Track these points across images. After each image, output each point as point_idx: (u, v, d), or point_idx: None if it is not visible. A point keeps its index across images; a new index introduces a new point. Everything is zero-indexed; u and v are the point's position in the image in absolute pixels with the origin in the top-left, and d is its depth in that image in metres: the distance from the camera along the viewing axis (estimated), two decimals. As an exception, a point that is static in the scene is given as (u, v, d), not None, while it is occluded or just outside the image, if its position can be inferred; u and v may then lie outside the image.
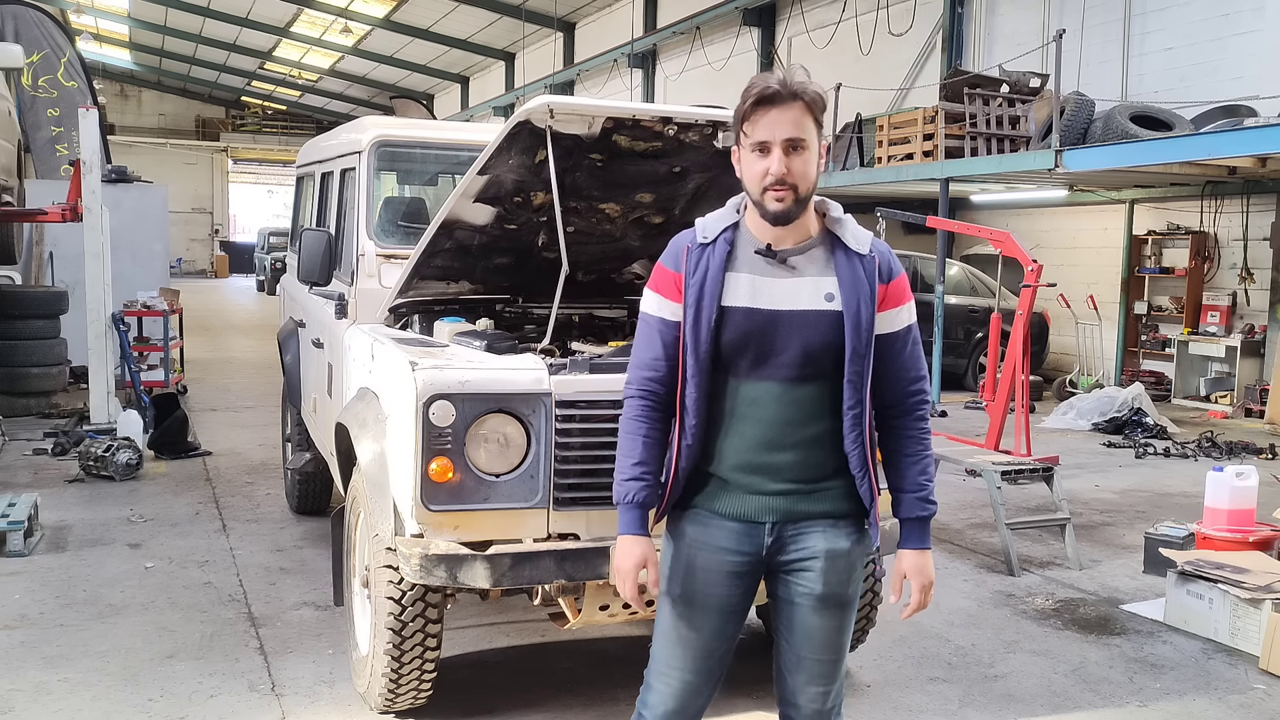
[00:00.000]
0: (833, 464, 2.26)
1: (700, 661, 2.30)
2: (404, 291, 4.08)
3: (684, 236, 2.29)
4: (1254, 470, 5.28)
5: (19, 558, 5.18)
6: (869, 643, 4.19)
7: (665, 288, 2.26)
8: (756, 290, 2.20)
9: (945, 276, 11.79)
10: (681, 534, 2.30)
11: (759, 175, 2.16)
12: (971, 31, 14.79)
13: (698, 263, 2.22)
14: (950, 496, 7.10)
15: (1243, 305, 11.94)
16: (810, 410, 2.22)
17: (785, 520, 2.26)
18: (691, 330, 2.20)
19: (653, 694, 2.34)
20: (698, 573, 2.26)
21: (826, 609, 2.28)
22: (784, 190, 2.16)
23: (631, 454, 2.26)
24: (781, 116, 2.15)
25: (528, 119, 3.38)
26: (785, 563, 2.28)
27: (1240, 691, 4.07)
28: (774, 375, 2.20)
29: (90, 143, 7.87)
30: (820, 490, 2.26)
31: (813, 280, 2.21)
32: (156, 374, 10.10)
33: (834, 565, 2.27)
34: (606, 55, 23.16)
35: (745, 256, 2.23)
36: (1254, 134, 8.93)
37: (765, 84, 2.15)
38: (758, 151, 2.16)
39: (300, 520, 6.04)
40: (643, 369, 2.28)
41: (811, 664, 2.31)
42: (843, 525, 2.29)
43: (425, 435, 3.07)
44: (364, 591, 3.68)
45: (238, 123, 42.85)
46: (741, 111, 2.18)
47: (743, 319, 2.18)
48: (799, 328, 2.18)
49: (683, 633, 2.29)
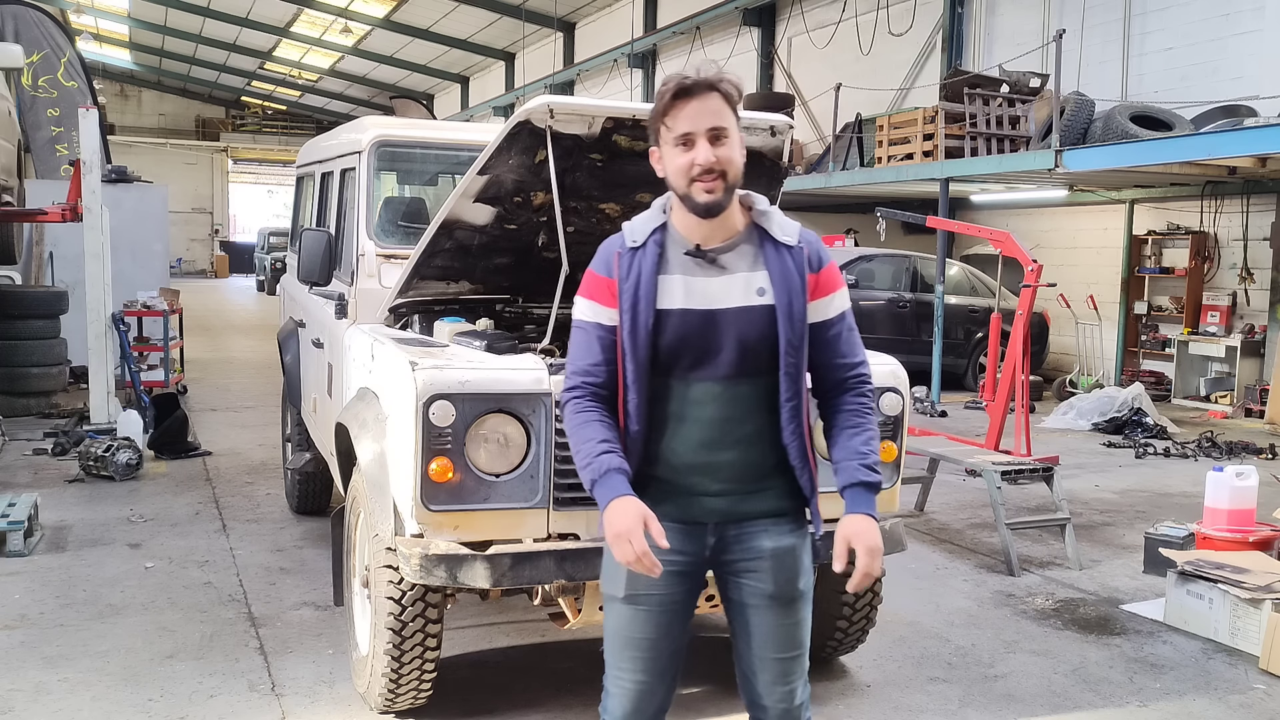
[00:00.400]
0: (772, 461, 2.26)
1: (651, 662, 2.29)
2: (404, 291, 4.07)
3: (613, 241, 2.28)
4: (1254, 470, 5.28)
5: (19, 558, 5.18)
6: (869, 643, 4.19)
7: (599, 294, 2.25)
8: (690, 291, 2.20)
9: (945, 276, 11.79)
10: None
11: (685, 168, 2.16)
12: (971, 31, 14.80)
13: (629, 268, 2.22)
14: (950, 496, 7.11)
15: (1243, 305, 11.94)
16: (749, 407, 2.22)
17: (727, 521, 2.26)
18: (629, 335, 2.20)
19: (610, 698, 2.35)
20: (642, 574, 2.22)
21: (780, 607, 2.28)
22: (713, 179, 2.15)
23: (592, 435, 2.20)
24: (701, 107, 2.15)
25: (528, 119, 3.38)
26: (731, 563, 2.28)
27: (1240, 691, 4.07)
28: (713, 374, 2.20)
29: (90, 143, 7.87)
30: (761, 490, 2.26)
31: (744, 276, 2.22)
32: (156, 374, 10.10)
33: (781, 563, 2.27)
34: (606, 55, 23.17)
35: (676, 258, 2.23)
36: (1254, 134, 8.94)
37: (681, 78, 2.16)
38: (681, 145, 2.16)
39: (300, 520, 6.04)
40: (582, 375, 2.26)
41: (773, 664, 2.30)
42: (785, 522, 2.29)
43: (425, 435, 3.07)
44: (364, 591, 3.68)
45: (238, 123, 42.86)
46: (660, 108, 2.18)
47: (679, 321, 2.19)
48: (734, 325, 2.19)
49: (631, 635, 2.29)
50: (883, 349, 4.18)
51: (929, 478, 6.73)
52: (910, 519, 6.49)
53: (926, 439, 6.82)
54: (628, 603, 2.27)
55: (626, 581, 2.26)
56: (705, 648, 3.89)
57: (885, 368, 3.62)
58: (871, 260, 12.80)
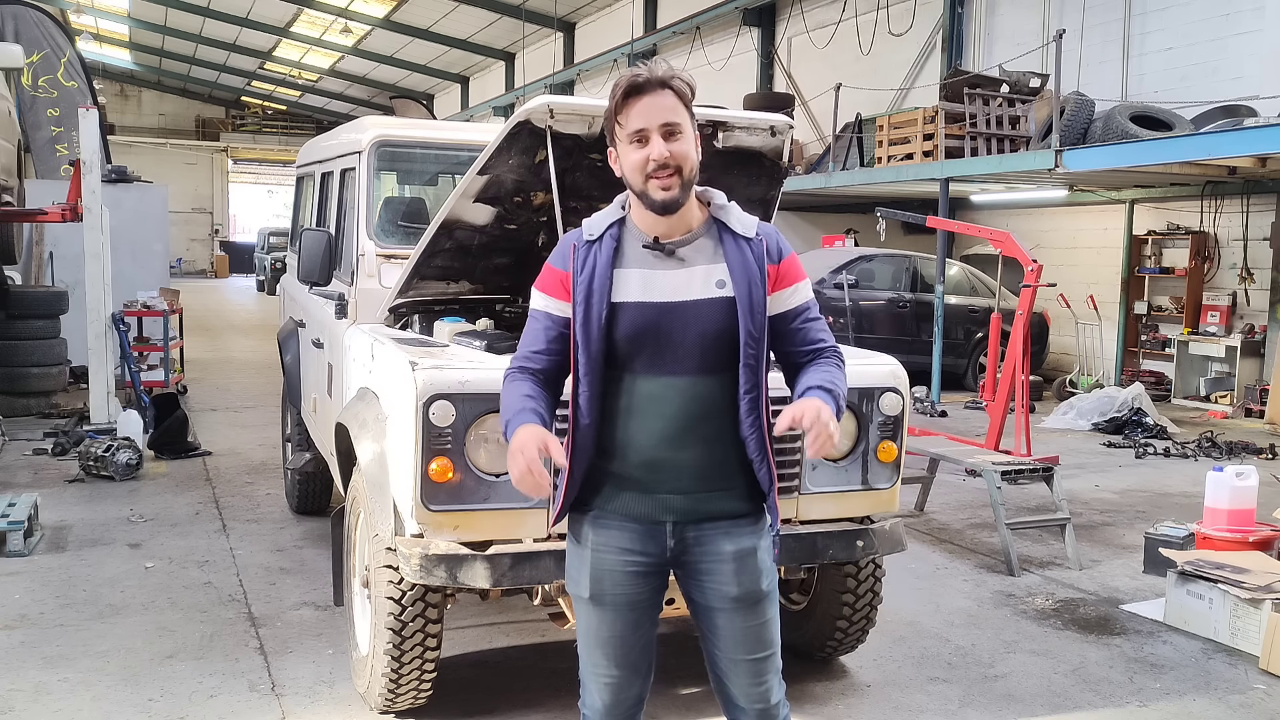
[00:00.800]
0: (734, 460, 2.24)
1: (624, 656, 2.30)
2: (404, 291, 4.08)
3: (571, 235, 2.29)
4: (1254, 470, 5.28)
5: (19, 558, 5.18)
6: (869, 643, 4.19)
7: (551, 287, 2.25)
8: (647, 284, 2.19)
9: (945, 276, 11.79)
10: (583, 537, 2.28)
11: (640, 164, 2.15)
12: (971, 31, 14.80)
13: (584, 260, 2.21)
14: (950, 496, 7.11)
15: (1243, 305, 11.94)
16: (711, 405, 2.21)
17: (686, 520, 2.24)
18: (582, 328, 2.19)
19: (588, 693, 2.37)
20: (605, 574, 2.24)
21: (746, 609, 2.27)
22: (668, 175, 2.15)
23: (516, 392, 2.22)
24: (654, 104, 2.15)
25: (528, 119, 3.38)
26: (692, 565, 2.27)
27: (1240, 691, 4.07)
28: (674, 369, 2.19)
29: (90, 143, 7.87)
30: (721, 490, 2.25)
31: (703, 269, 2.21)
32: (156, 374, 10.10)
33: (745, 565, 2.26)
34: (606, 55, 23.16)
35: (633, 252, 2.22)
36: (1254, 134, 8.94)
37: (633, 75, 2.16)
38: (636, 142, 2.16)
39: (300, 520, 6.04)
40: (525, 360, 2.28)
41: (745, 665, 2.29)
42: (744, 523, 2.28)
43: (425, 435, 3.07)
44: (364, 591, 3.68)
45: (238, 123, 42.85)
46: (613, 106, 2.18)
47: (635, 314, 2.18)
48: (693, 318, 2.18)
49: (600, 634, 2.29)
50: (883, 349, 4.18)
51: (929, 478, 6.73)
52: (910, 519, 6.49)
53: (926, 439, 6.82)
54: (593, 603, 2.27)
55: (590, 582, 2.26)
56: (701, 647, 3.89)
57: (885, 368, 3.62)
58: (871, 260, 12.79)
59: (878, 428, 3.57)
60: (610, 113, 2.20)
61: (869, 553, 3.55)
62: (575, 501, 2.28)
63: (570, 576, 2.32)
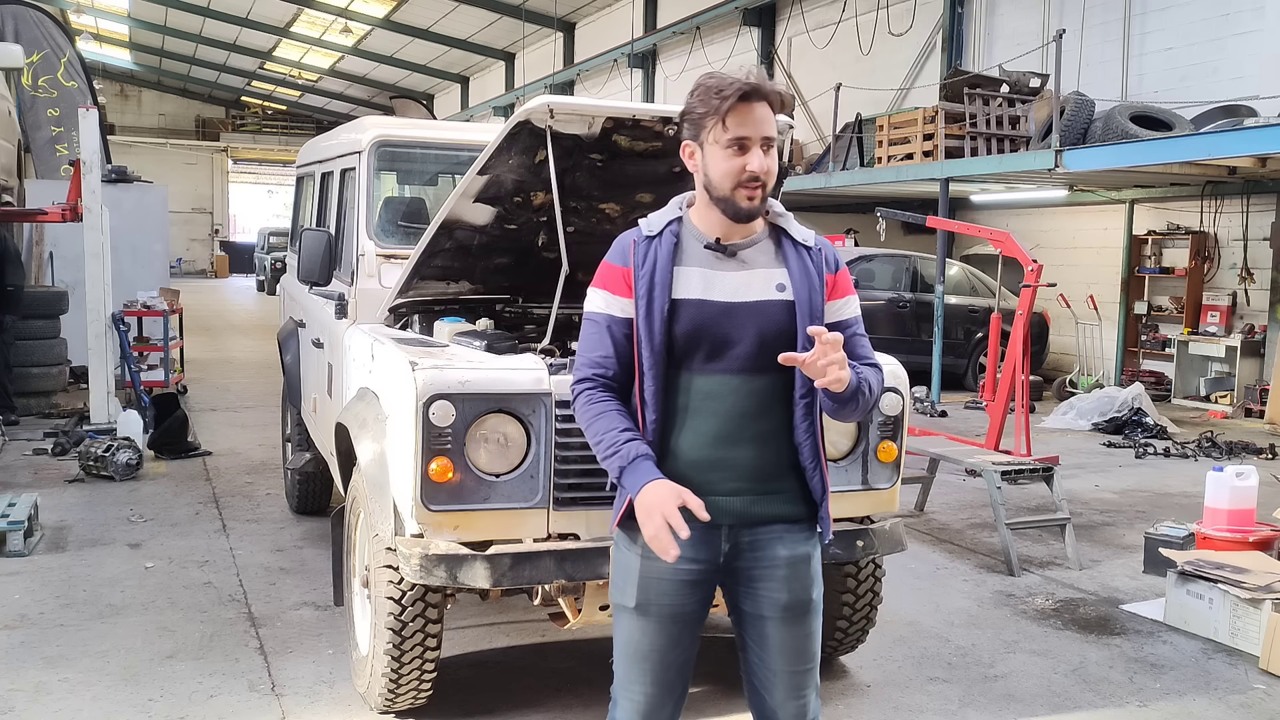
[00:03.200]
0: (786, 460, 2.25)
1: (660, 674, 2.26)
2: (404, 291, 4.07)
3: (629, 234, 2.28)
4: (1254, 470, 5.28)
5: (19, 558, 5.18)
6: (869, 643, 4.19)
7: (614, 284, 2.24)
8: (708, 283, 2.19)
9: (945, 276, 11.79)
10: (635, 542, 2.24)
11: (734, 172, 2.15)
12: (971, 31, 14.80)
13: (645, 256, 2.21)
14: (950, 496, 7.11)
15: (1243, 305, 11.94)
16: (765, 402, 2.21)
17: (741, 524, 2.23)
18: (645, 323, 2.18)
19: (619, 710, 2.32)
20: (653, 583, 2.21)
21: (796, 617, 2.26)
22: (757, 188, 2.16)
23: (614, 424, 2.18)
24: (762, 114, 2.15)
25: (528, 119, 3.38)
26: (744, 571, 2.25)
27: (1240, 691, 4.07)
28: (729, 368, 2.19)
29: (90, 143, 7.87)
30: (774, 492, 2.24)
31: (763, 272, 2.22)
32: (156, 374, 10.10)
33: (797, 572, 2.26)
34: (606, 55, 23.17)
35: (693, 251, 2.22)
36: (1254, 134, 8.94)
37: (744, 81, 2.14)
38: (734, 148, 2.14)
39: (300, 520, 6.03)
40: (592, 367, 2.24)
41: (788, 676, 2.28)
42: (798, 529, 2.28)
43: (425, 435, 3.07)
44: (364, 591, 3.68)
45: (238, 123, 42.84)
46: (720, 107, 2.13)
47: (695, 311, 2.18)
48: (753, 318, 2.19)
49: (641, 647, 2.26)
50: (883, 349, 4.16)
51: (929, 478, 6.73)
52: (910, 519, 6.49)
53: (926, 439, 6.82)
54: (638, 613, 2.24)
55: (637, 590, 2.23)
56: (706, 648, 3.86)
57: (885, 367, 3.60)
58: (871, 260, 12.80)
59: (878, 428, 3.57)
60: (710, 110, 2.14)
61: (869, 553, 3.55)
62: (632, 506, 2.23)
63: (615, 585, 2.29)
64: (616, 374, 2.24)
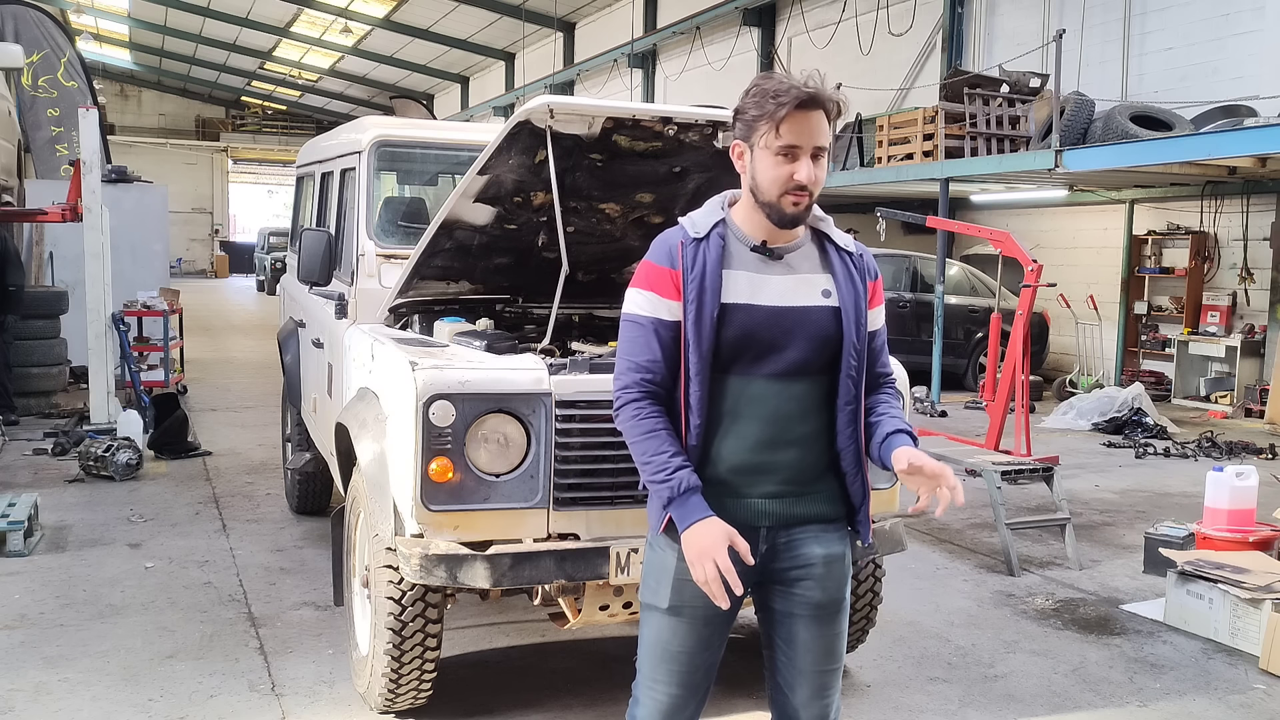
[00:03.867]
0: (825, 463, 2.25)
1: (687, 676, 2.26)
2: (404, 291, 4.08)
3: (673, 234, 2.24)
4: (1254, 470, 5.28)
5: (19, 558, 5.18)
6: (869, 643, 4.19)
7: (661, 286, 2.19)
8: (755, 287, 2.19)
9: (945, 276, 11.79)
10: (672, 544, 2.22)
11: (783, 179, 2.14)
12: (971, 31, 14.80)
13: (694, 259, 2.18)
14: (950, 496, 7.09)
15: (1243, 305, 11.94)
16: (808, 406, 2.21)
17: (779, 525, 2.23)
18: (694, 327, 2.15)
19: (640, 708, 2.31)
20: (689, 585, 2.19)
21: (827, 617, 2.26)
22: (804, 195, 2.16)
23: (661, 449, 2.15)
24: (817, 123, 2.13)
25: (528, 119, 3.37)
26: (780, 571, 2.25)
27: (1240, 691, 4.07)
28: (775, 372, 2.18)
29: (90, 143, 7.87)
30: (811, 493, 2.24)
31: (808, 277, 2.23)
32: (156, 374, 10.10)
33: (831, 571, 2.26)
34: (606, 55, 23.17)
35: (739, 254, 2.21)
36: (1254, 134, 8.94)
37: (803, 88, 2.10)
38: (784, 155, 2.13)
39: (300, 520, 6.03)
40: (639, 371, 2.19)
41: (814, 676, 2.27)
42: (833, 529, 2.28)
43: (425, 435, 3.07)
44: (364, 591, 3.68)
45: (238, 123, 42.84)
46: (776, 113, 2.10)
47: (744, 316, 2.17)
48: (799, 324, 2.18)
49: (670, 647, 2.25)
50: (883, 349, 4.18)
51: (929, 478, 6.71)
52: (910, 519, 6.49)
53: (926, 439, 6.82)
54: (670, 614, 2.23)
55: (671, 592, 2.22)
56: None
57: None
58: (871, 260, 12.78)
59: None
60: (765, 114, 2.12)
61: (869, 553, 3.55)
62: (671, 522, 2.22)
63: (647, 586, 2.28)
64: (663, 379, 2.20)
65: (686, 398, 2.19)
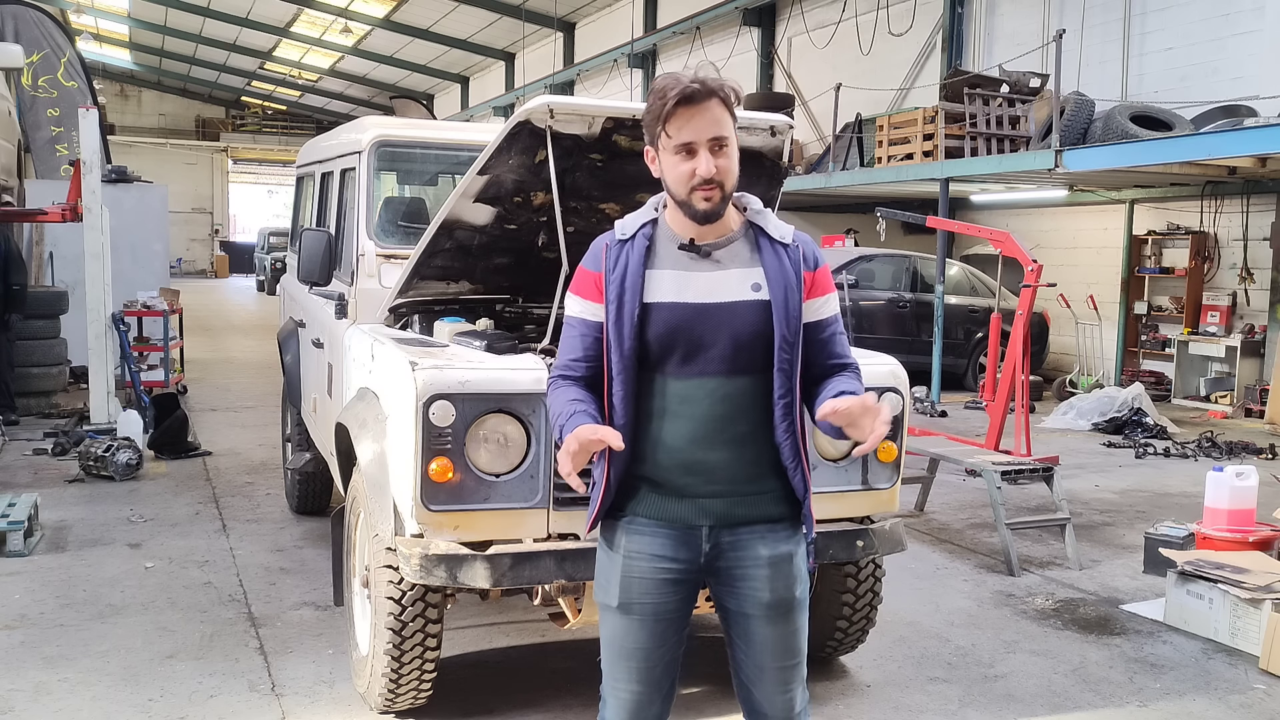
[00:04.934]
0: (767, 462, 2.23)
1: (646, 672, 2.26)
2: (404, 291, 4.08)
3: (603, 237, 2.28)
4: (1254, 470, 5.28)
5: (19, 558, 5.18)
6: (869, 643, 4.19)
7: (585, 289, 2.24)
8: (681, 285, 2.18)
9: (945, 276, 11.79)
10: (616, 543, 2.25)
11: (685, 176, 2.14)
12: (971, 31, 14.80)
13: (616, 260, 2.20)
14: (950, 496, 7.11)
15: (1243, 305, 11.94)
16: (742, 405, 2.20)
17: (722, 525, 2.22)
18: (614, 326, 2.17)
19: (607, 709, 2.32)
20: (635, 582, 2.20)
21: (779, 616, 2.25)
22: (712, 189, 2.14)
23: (565, 397, 2.20)
24: (705, 116, 2.13)
25: (528, 119, 3.38)
26: (725, 571, 2.25)
27: (1240, 691, 4.07)
28: (705, 370, 2.18)
29: (90, 143, 7.87)
30: (755, 494, 2.23)
31: (739, 272, 2.20)
32: (156, 374, 10.10)
33: (779, 571, 2.24)
34: (606, 55, 23.17)
35: (667, 253, 2.21)
36: (1254, 134, 8.94)
37: (683, 83, 2.12)
38: (682, 153, 2.14)
39: (300, 520, 6.04)
40: (565, 369, 2.26)
41: (774, 672, 2.28)
42: (780, 529, 2.26)
43: (425, 435, 3.07)
44: (364, 591, 3.68)
45: (238, 123, 42.84)
46: (661, 113, 2.14)
47: (668, 314, 2.16)
48: (727, 319, 2.17)
49: (625, 645, 2.26)
50: (883, 349, 4.18)
51: (929, 478, 6.73)
52: (910, 519, 6.49)
53: (926, 439, 6.82)
54: (621, 611, 2.24)
55: (619, 590, 2.24)
56: (704, 648, 3.90)
57: (885, 368, 3.62)
58: (871, 260, 12.79)
59: None
60: (657, 116, 2.15)
61: (869, 553, 3.55)
62: (610, 507, 2.25)
63: (599, 585, 2.30)
64: (585, 376, 2.25)
65: (610, 398, 2.20)
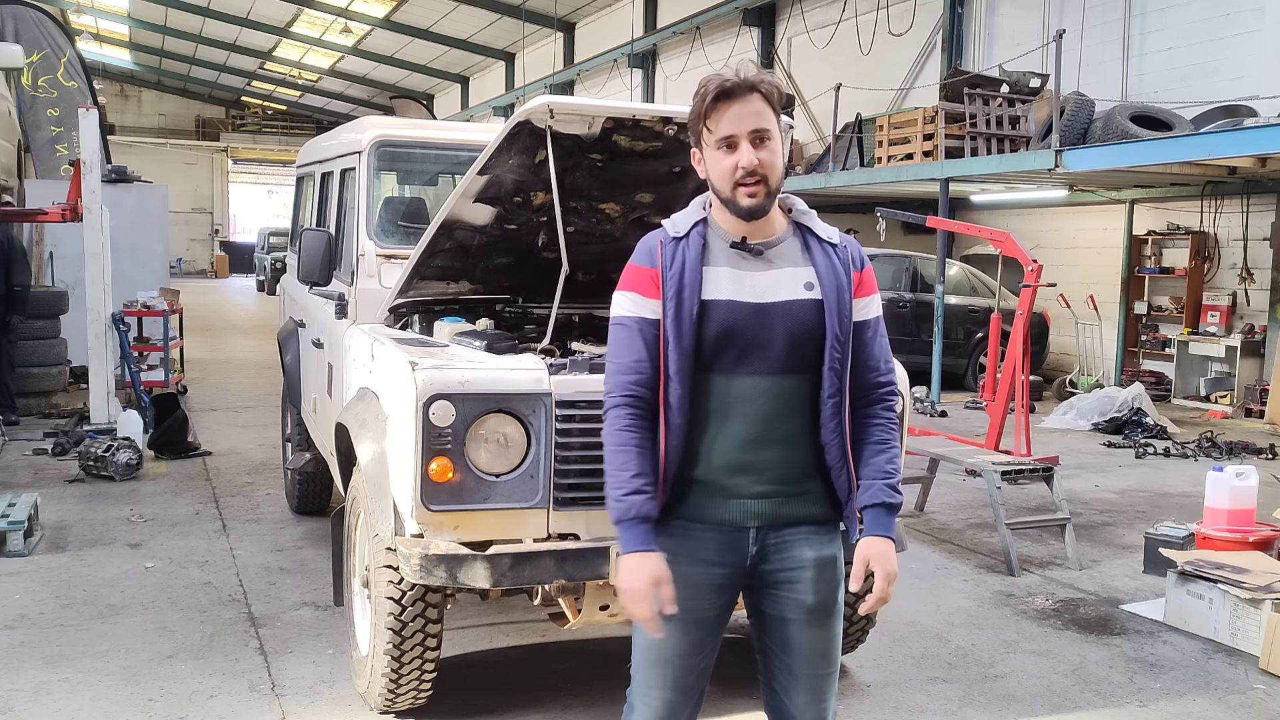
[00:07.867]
0: (813, 462, 2.22)
1: (680, 679, 2.25)
2: (404, 291, 4.08)
3: (653, 235, 2.25)
4: (1254, 470, 5.28)
5: (19, 558, 5.18)
6: (869, 643, 4.19)
7: (642, 285, 2.19)
8: (737, 283, 2.17)
9: (945, 276, 11.79)
10: (661, 547, 2.21)
11: (728, 171, 2.14)
12: (971, 31, 14.80)
13: (673, 257, 2.18)
14: (950, 496, 7.11)
15: (1243, 305, 11.94)
16: (793, 405, 2.19)
17: (769, 526, 2.21)
18: (674, 324, 2.15)
19: (634, 714, 2.30)
20: (678, 587, 2.17)
21: (820, 620, 2.24)
22: (755, 184, 2.14)
23: (626, 466, 2.15)
24: (744, 109, 2.12)
25: (528, 119, 3.38)
26: (771, 574, 2.23)
27: (1240, 691, 4.07)
28: (759, 369, 2.17)
29: (90, 143, 7.87)
30: (801, 494, 2.22)
31: (791, 271, 2.20)
32: (156, 374, 10.09)
33: (823, 574, 2.24)
34: (606, 55, 23.17)
35: (720, 250, 2.20)
36: (1254, 134, 8.94)
37: (722, 79, 2.13)
38: (724, 148, 2.14)
39: (300, 520, 6.03)
40: (625, 373, 2.18)
41: (809, 680, 2.26)
42: (824, 531, 2.26)
43: (425, 435, 3.07)
44: (364, 591, 3.68)
45: (238, 123, 42.84)
46: (702, 110, 2.15)
47: (725, 312, 2.15)
48: (782, 318, 2.17)
49: (662, 652, 2.23)
50: (883, 349, 4.17)
51: (929, 478, 6.73)
52: (910, 519, 6.49)
53: (926, 439, 6.82)
54: (662, 618, 2.20)
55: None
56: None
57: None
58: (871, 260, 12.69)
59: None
60: (697, 115, 2.16)
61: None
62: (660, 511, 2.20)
63: None
64: (649, 378, 2.19)
65: (667, 397, 2.18)
